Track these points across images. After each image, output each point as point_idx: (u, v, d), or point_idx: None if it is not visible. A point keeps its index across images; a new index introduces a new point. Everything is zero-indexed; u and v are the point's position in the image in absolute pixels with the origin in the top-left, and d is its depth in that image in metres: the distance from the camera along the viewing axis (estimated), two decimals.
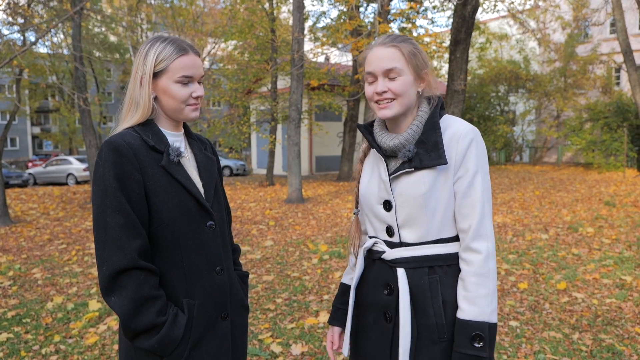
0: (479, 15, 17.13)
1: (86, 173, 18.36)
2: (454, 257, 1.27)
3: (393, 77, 1.25)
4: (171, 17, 14.51)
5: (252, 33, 13.75)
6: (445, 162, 1.21)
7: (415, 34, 11.89)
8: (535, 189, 11.59)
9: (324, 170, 19.88)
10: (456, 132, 1.24)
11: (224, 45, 16.94)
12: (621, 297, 3.84)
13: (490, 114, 22.23)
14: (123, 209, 1.18)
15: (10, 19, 10.93)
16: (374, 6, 14.66)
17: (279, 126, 17.72)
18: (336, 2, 14.08)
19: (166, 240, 1.25)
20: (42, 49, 20.86)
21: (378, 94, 1.27)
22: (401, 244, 1.28)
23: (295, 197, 10.05)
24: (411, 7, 11.21)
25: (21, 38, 11.72)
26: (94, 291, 4.37)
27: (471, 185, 1.22)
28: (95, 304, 3.92)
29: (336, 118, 19.08)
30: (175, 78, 1.27)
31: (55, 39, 14.92)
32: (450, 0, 12.13)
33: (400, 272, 1.26)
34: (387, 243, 1.32)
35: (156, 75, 1.27)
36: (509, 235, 6.36)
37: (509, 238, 6.17)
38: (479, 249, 1.21)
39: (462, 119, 1.52)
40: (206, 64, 16.81)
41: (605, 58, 20.51)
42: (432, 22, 22.66)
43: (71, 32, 10.66)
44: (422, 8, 13.81)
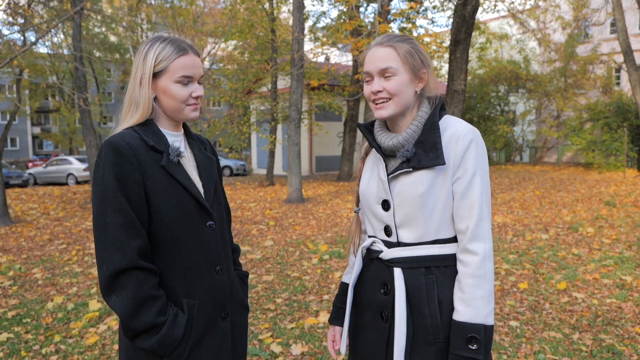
0: (479, 15, 17.13)
1: (86, 173, 18.36)
2: (452, 258, 1.26)
3: (388, 76, 1.26)
4: (171, 17, 14.51)
5: (252, 33, 13.75)
6: (443, 163, 1.20)
7: (416, 34, 11.89)
8: (535, 189, 11.59)
9: (324, 170, 19.89)
10: (455, 133, 1.24)
11: (224, 45, 16.95)
12: (621, 297, 3.84)
13: (490, 114, 22.24)
14: (123, 209, 1.18)
15: (10, 19, 10.93)
16: (374, 6, 14.66)
17: (279, 126, 17.73)
18: (336, 2, 14.08)
19: (166, 240, 1.25)
20: (43, 49, 20.88)
21: (374, 93, 1.29)
22: (399, 244, 1.28)
23: (295, 197, 10.05)
24: (411, 7, 11.21)
25: (21, 38, 11.72)
26: (94, 291, 4.38)
27: (469, 187, 1.21)
28: (95, 304, 3.92)
29: (336, 118, 19.08)
30: (175, 78, 1.27)
31: (56, 39, 14.93)
32: (450, 0, 12.13)
33: (397, 271, 1.26)
34: (385, 242, 1.32)
35: (156, 75, 1.27)
36: (509, 235, 6.36)
37: (509, 238, 6.17)
38: (476, 251, 1.20)
39: (462, 119, 1.52)
40: (206, 64, 16.82)
41: (605, 58, 20.51)
42: (432, 22, 22.59)
43: (71, 32, 10.66)
44: (422, 8, 13.81)
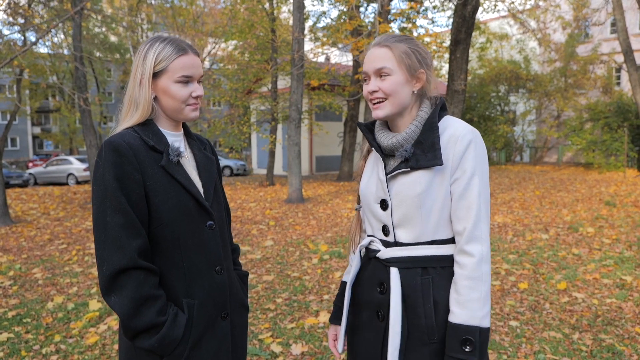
0: (479, 15, 17.13)
1: (86, 173, 18.36)
2: (449, 259, 1.25)
3: (383, 76, 1.27)
4: (171, 17, 14.52)
5: (252, 33, 13.76)
6: (441, 163, 1.20)
7: (416, 34, 11.89)
8: (535, 189, 11.59)
9: (324, 170, 19.89)
10: (454, 134, 1.23)
11: (224, 45, 16.95)
12: (621, 297, 3.84)
13: (490, 114, 22.24)
14: (123, 209, 1.18)
15: (10, 19, 10.93)
16: (374, 6, 14.66)
17: (279, 126, 17.73)
18: (336, 2, 14.07)
19: (166, 240, 1.25)
20: (43, 49, 20.91)
21: (370, 93, 1.30)
22: (396, 244, 1.28)
23: (296, 197, 10.05)
24: (411, 7, 11.20)
25: (22, 38, 11.73)
26: (94, 291, 4.38)
27: (467, 188, 1.21)
28: (95, 304, 3.92)
29: (336, 118, 19.08)
30: (175, 78, 1.27)
31: (56, 39, 14.93)
32: (450, 0, 12.13)
33: (394, 271, 1.26)
34: (382, 242, 1.32)
35: (156, 75, 1.27)
36: (509, 235, 6.36)
37: (509, 238, 6.17)
38: (472, 252, 1.19)
39: (462, 119, 1.52)
40: (206, 64, 16.82)
41: (605, 58, 20.50)
42: (433, 22, 22.60)
43: (71, 32, 10.67)
44: (423, 8, 13.80)
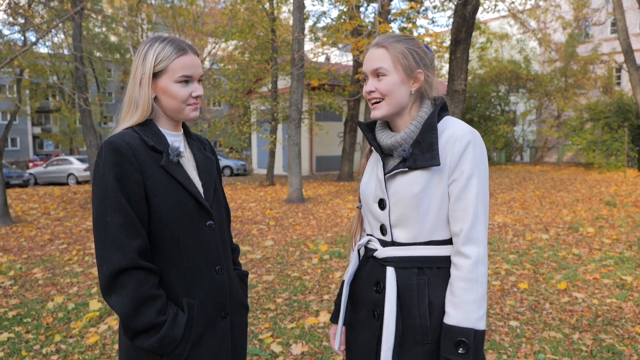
0: (480, 15, 17.13)
1: (87, 173, 18.37)
2: (446, 260, 1.25)
3: (380, 77, 1.28)
4: (171, 17, 14.52)
5: (252, 33, 13.76)
6: (438, 164, 1.19)
7: (416, 34, 11.89)
8: (535, 188, 11.58)
9: (325, 170, 19.89)
10: (453, 134, 1.23)
11: (224, 45, 16.96)
12: (621, 297, 3.84)
13: (490, 113, 22.24)
14: (123, 209, 1.18)
15: (10, 19, 10.95)
16: (374, 6, 14.66)
17: (280, 126, 17.73)
18: (336, 2, 14.07)
19: (166, 239, 1.25)
20: (43, 49, 20.94)
21: (367, 93, 1.31)
22: (393, 243, 1.29)
23: (296, 197, 10.05)
24: (411, 7, 11.19)
25: (22, 38, 11.74)
26: (94, 291, 4.38)
27: (465, 189, 1.20)
28: (95, 304, 3.92)
29: (336, 118, 19.08)
30: (175, 78, 1.27)
31: (56, 39, 14.94)
32: (450, 0, 12.13)
33: (390, 271, 1.26)
34: (380, 241, 1.32)
35: (156, 75, 1.28)
36: (509, 235, 6.36)
37: (509, 238, 6.17)
38: (468, 254, 1.18)
39: (463, 118, 1.52)
40: (207, 64, 16.82)
41: (606, 58, 20.50)
42: (433, 22, 22.59)
43: (72, 32, 10.67)
44: (423, 8, 13.80)
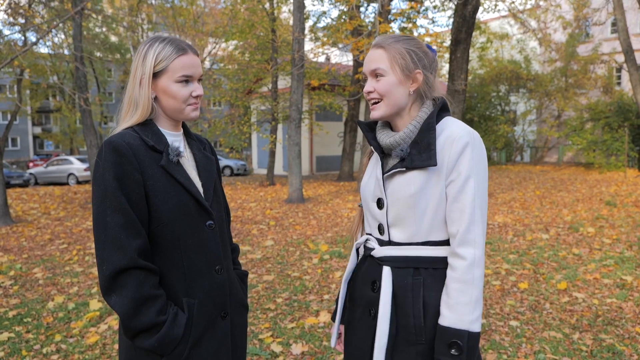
0: (480, 15, 17.11)
1: (87, 173, 18.37)
2: (443, 261, 1.25)
3: (378, 77, 1.29)
4: (172, 17, 14.52)
5: (252, 33, 13.76)
6: (435, 164, 1.19)
7: (416, 34, 11.88)
8: (536, 188, 11.58)
9: (325, 170, 19.89)
10: (451, 135, 1.23)
11: (224, 45, 16.96)
12: (622, 297, 3.84)
13: (491, 113, 22.24)
14: (123, 209, 1.18)
15: (11, 19, 10.96)
16: (374, 6, 14.65)
17: (280, 126, 17.73)
18: (337, 2, 14.06)
19: (166, 239, 1.26)
20: (43, 49, 20.94)
21: (366, 93, 1.31)
22: (390, 243, 1.29)
23: (296, 197, 10.06)
24: (412, 7, 11.19)
25: (22, 38, 11.76)
26: (94, 291, 4.38)
27: (462, 190, 1.20)
28: (96, 304, 3.93)
29: (337, 118, 19.08)
30: (175, 78, 1.27)
31: (56, 39, 14.95)
32: (450, 0, 12.12)
33: (386, 270, 1.27)
34: (378, 240, 1.33)
35: (156, 75, 1.28)
36: (509, 235, 6.36)
37: (509, 238, 6.17)
38: (464, 255, 1.18)
39: (463, 118, 1.53)
40: (207, 64, 16.82)
41: (606, 58, 20.49)
42: (433, 22, 22.58)
43: (72, 32, 10.68)
44: (423, 8, 13.79)
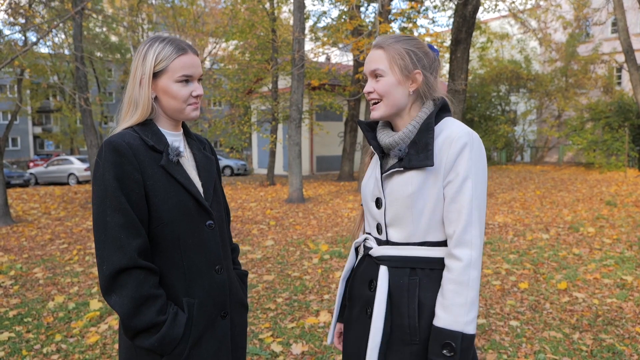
0: (480, 15, 17.11)
1: (87, 173, 18.38)
2: (440, 262, 1.24)
3: (377, 78, 1.29)
4: (172, 17, 14.52)
5: (252, 33, 13.76)
6: (431, 164, 1.19)
7: (416, 34, 11.88)
8: (536, 188, 11.58)
9: (325, 170, 19.89)
10: (450, 135, 1.22)
11: (224, 45, 16.96)
12: (622, 297, 3.84)
13: (491, 113, 22.25)
14: (123, 209, 1.18)
15: (11, 19, 10.96)
16: (374, 6, 14.65)
17: (280, 126, 17.73)
18: (337, 2, 14.06)
19: (166, 239, 1.26)
20: (44, 49, 20.94)
21: (366, 94, 1.32)
22: (387, 242, 1.30)
23: (296, 196, 10.06)
24: (412, 7, 11.19)
25: (22, 38, 11.77)
26: (95, 290, 4.38)
27: (459, 191, 1.19)
28: (96, 304, 3.93)
29: (337, 118, 19.08)
30: (175, 77, 1.27)
31: (57, 39, 14.96)
32: (451, 0, 12.12)
33: (383, 269, 1.27)
34: (376, 240, 1.34)
35: (156, 75, 1.28)
36: (509, 235, 6.35)
37: (509, 238, 6.17)
38: (460, 256, 1.18)
39: (463, 118, 1.53)
40: (207, 64, 16.82)
41: (606, 57, 20.48)
42: (433, 22, 22.65)
43: (72, 32, 10.68)
44: (423, 8, 13.79)
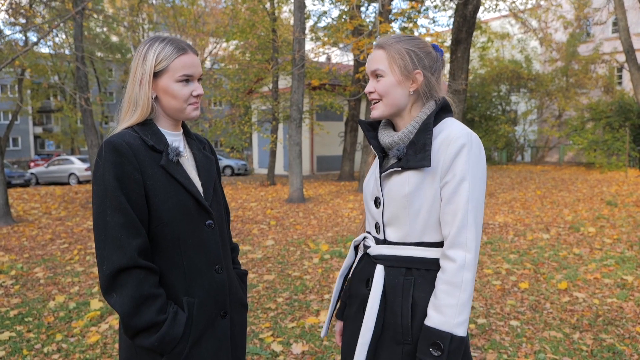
0: (481, 15, 17.11)
1: (88, 173, 18.39)
2: (435, 263, 1.24)
3: (378, 78, 1.30)
4: (172, 17, 14.53)
5: (253, 33, 13.77)
6: (428, 165, 1.18)
7: (417, 34, 11.89)
8: (536, 188, 11.57)
9: (325, 170, 19.89)
10: (448, 136, 1.22)
11: (225, 45, 16.97)
12: (622, 297, 3.83)
13: (491, 113, 22.23)
14: (123, 209, 1.18)
15: (12, 19, 10.97)
16: (375, 6, 14.65)
17: (280, 126, 17.73)
18: (337, 2, 14.06)
19: (166, 239, 1.26)
20: (44, 49, 20.94)
21: (368, 93, 1.33)
22: (384, 242, 1.31)
23: (297, 196, 10.06)
24: (412, 7, 11.18)
25: (23, 38, 11.79)
26: (95, 290, 4.39)
27: (456, 192, 1.19)
28: (96, 303, 3.93)
29: (337, 118, 19.08)
30: (175, 77, 1.28)
31: (57, 39, 14.94)
32: (451, 0, 12.11)
33: (379, 268, 1.28)
34: (375, 239, 1.35)
35: (156, 75, 1.28)
36: (510, 234, 6.35)
37: (510, 238, 6.17)
38: (454, 258, 1.17)
39: (464, 118, 1.54)
40: (207, 64, 16.84)
41: (607, 57, 20.45)
42: (434, 22, 22.64)
43: (73, 32, 10.69)
44: (424, 7, 13.79)
